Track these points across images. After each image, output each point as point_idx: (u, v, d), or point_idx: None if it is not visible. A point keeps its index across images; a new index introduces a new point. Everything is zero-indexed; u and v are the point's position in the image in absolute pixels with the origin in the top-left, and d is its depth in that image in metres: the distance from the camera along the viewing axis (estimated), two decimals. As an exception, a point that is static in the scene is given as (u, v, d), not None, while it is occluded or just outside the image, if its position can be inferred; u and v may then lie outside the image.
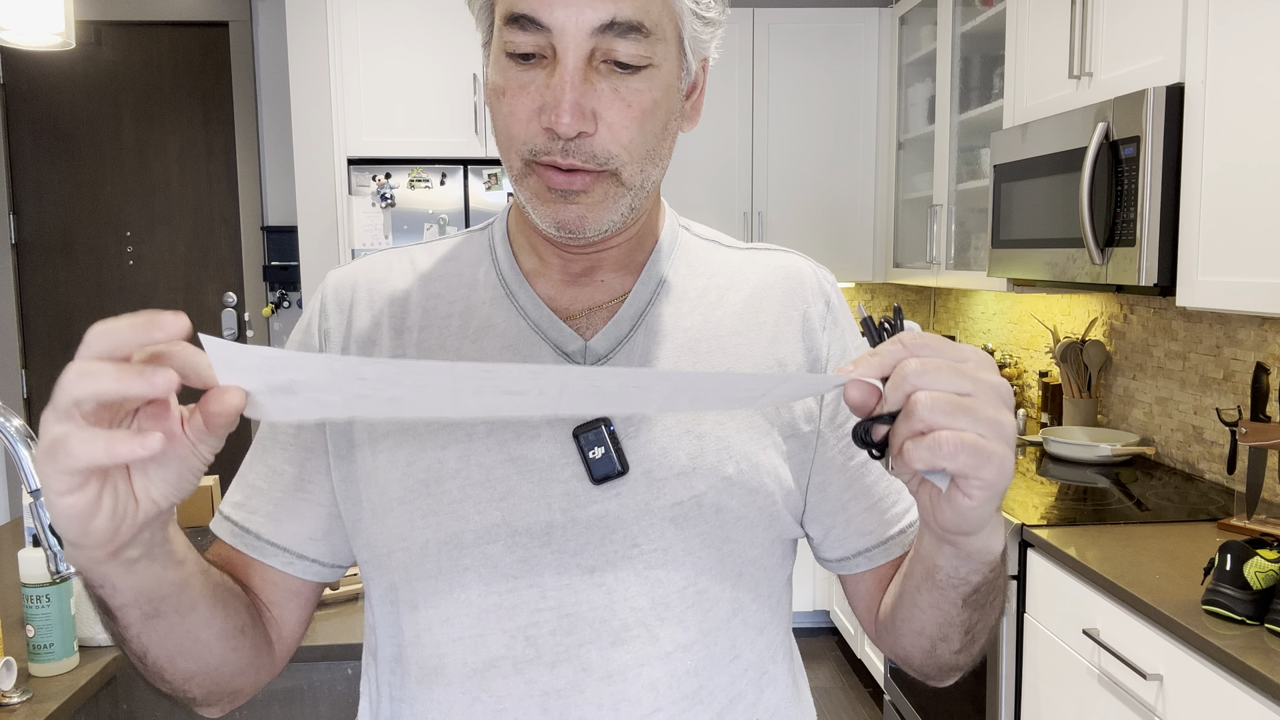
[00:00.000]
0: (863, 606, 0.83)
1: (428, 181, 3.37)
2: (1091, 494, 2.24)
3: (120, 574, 0.59)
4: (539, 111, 0.68)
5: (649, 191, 0.74)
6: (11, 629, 1.41)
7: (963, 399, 0.54)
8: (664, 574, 0.72)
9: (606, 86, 0.68)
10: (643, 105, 0.69)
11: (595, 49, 0.67)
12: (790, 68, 3.71)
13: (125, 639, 0.65)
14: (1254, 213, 1.72)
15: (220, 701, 0.75)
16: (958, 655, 0.73)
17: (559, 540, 0.71)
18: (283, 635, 0.79)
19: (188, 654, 0.68)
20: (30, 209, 3.94)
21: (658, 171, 0.73)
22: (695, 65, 0.75)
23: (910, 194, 3.62)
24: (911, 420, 0.54)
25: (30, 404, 3.95)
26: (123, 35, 3.92)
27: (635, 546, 0.72)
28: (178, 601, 0.64)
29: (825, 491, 0.79)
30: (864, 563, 0.80)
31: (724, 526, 0.74)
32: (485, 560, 0.72)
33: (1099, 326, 2.80)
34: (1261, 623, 1.46)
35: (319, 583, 0.80)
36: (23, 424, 0.99)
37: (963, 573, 0.65)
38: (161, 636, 0.66)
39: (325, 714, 1.43)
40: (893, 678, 2.80)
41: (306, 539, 0.77)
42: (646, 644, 0.71)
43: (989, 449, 0.54)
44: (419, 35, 3.35)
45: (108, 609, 0.63)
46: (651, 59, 0.69)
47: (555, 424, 0.73)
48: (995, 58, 2.94)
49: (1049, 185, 2.30)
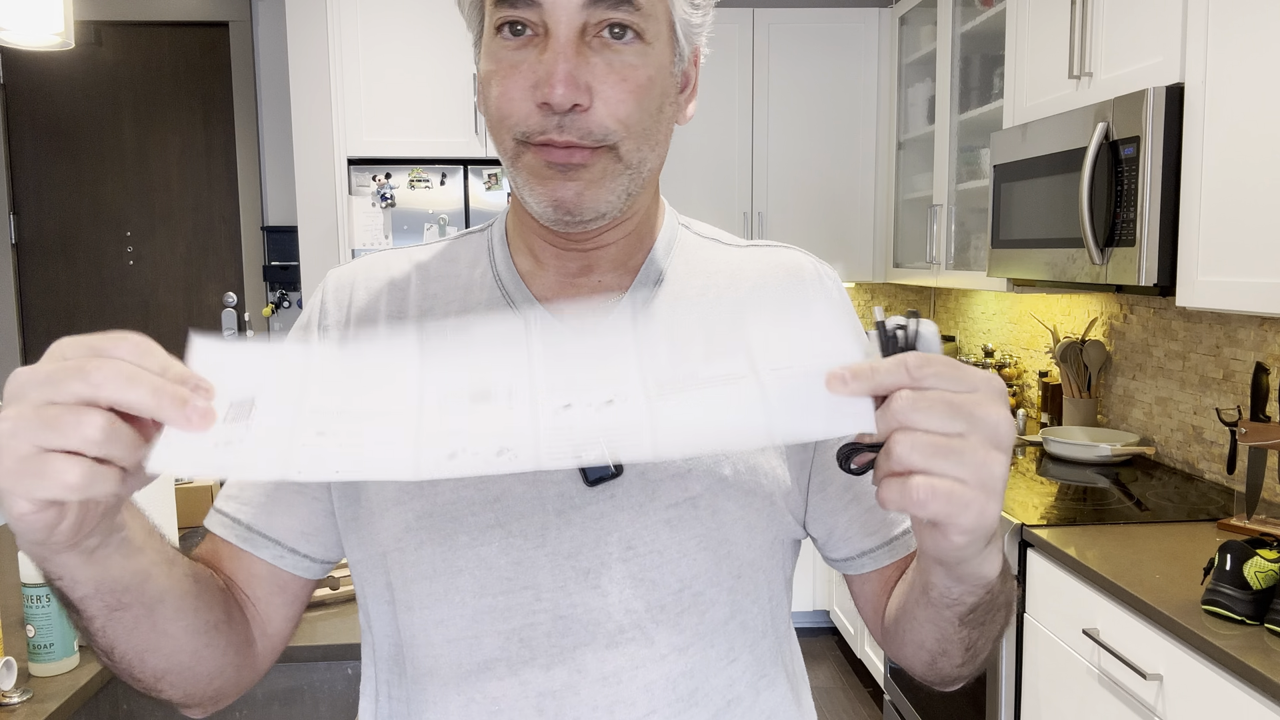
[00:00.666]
0: (869, 608, 0.82)
1: (428, 181, 3.37)
2: (1091, 494, 2.24)
3: (79, 565, 0.57)
4: (533, 89, 0.66)
5: (646, 177, 0.72)
6: (11, 629, 1.41)
7: (949, 441, 0.51)
8: (659, 576, 0.72)
9: (600, 61, 0.67)
10: (638, 80, 0.68)
11: (587, 23, 0.66)
12: (790, 68, 3.71)
13: (91, 633, 0.63)
14: (1254, 212, 1.72)
15: (202, 703, 0.73)
16: (960, 669, 0.72)
17: (553, 542, 0.71)
18: (267, 633, 0.77)
19: (156, 650, 0.66)
20: (30, 209, 3.94)
21: (654, 156, 0.72)
22: (688, 51, 0.74)
23: (910, 194, 3.62)
24: (890, 459, 0.52)
25: (30, 404, 3.95)
26: (123, 35, 3.92)
27: (630, 549, 0.71)
28: (141, 592, 0.62)
29: (826, 491, 0.79)
30: (869, 563, 0.79)
31: (721, 528, 0.73)
32: (480, 562, 0.71)
33: (1099, 326, 2.80)
34: (1261, 623, 1.46)
35: (306, 580, 0.78)
36: (23, 424, 0.99)
37: (955, 594, 0.63)
38: (127, 631, 0.64)
39: (325, 714, 1.43)
40: (893, 678, 2.80)
41: (299, 533, 0.77)
42: (642, 646, 0.71)
43: (965, 498, 0.51)
44: (419, 35, 3.35)
45: (70, 602, 0.61)
46: (644, 33, 0.68)
47: None
48: (995, 58, 2.94)
49: (1049, 185, 2.30)
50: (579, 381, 0.54)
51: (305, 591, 0.79)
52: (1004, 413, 0.52)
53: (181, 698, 0.71)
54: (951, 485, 0.51)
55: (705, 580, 0.73)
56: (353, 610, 1.53)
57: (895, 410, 0.51)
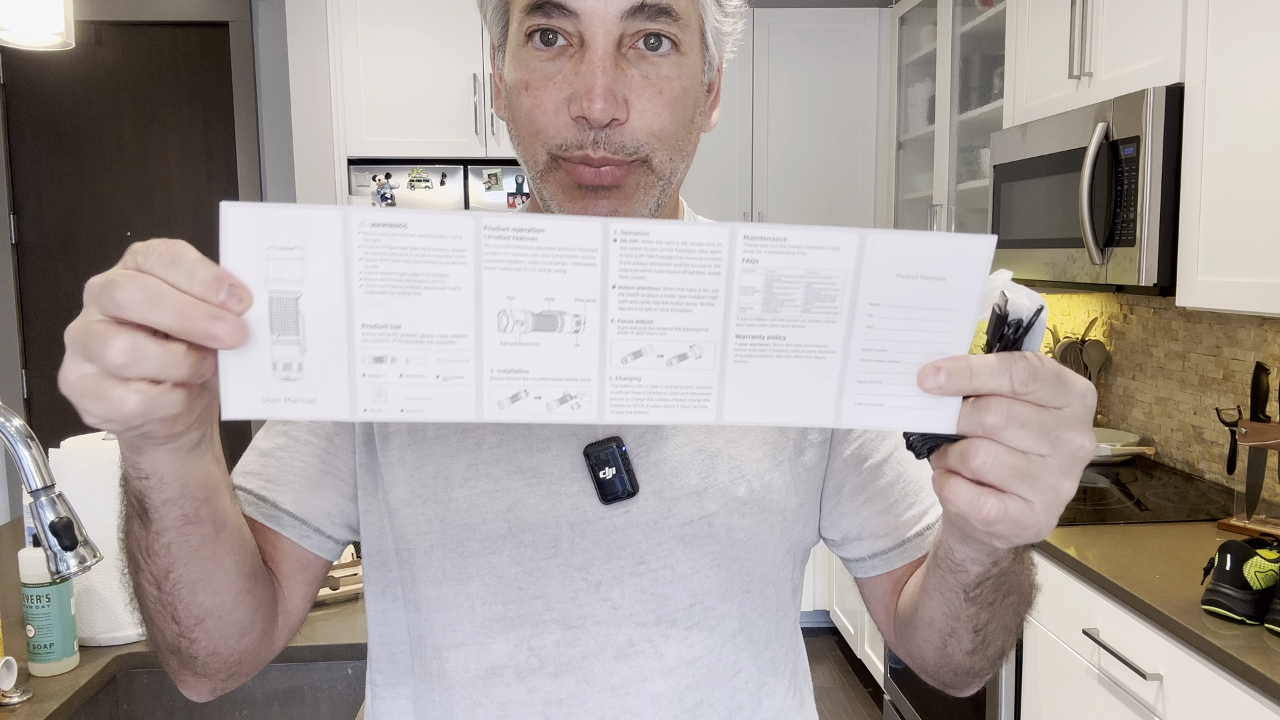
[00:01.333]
0: (880, 609, 0.81)
1: (428, 181, 3.37)
2: (1091, 494, 2.24)
3: (172, 461, 0.55)
4: (568, 101, 0.65)
5: (674, 187, 0.72)
6: (11, 629, 1.41)
7: (1030, 462, 0.49)
8: (670, 591, 0.72)
9: (637, 73, 0.66)
10: (673, 92, 0.67)
11: (624, 34, 0.65)
12: (790, 68, 3.71)
13: (151, 552, 0.61)
14: (1254, 212, 1.72)
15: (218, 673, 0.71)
16: (971, 657, 0.70)
17: (565, 553, 0.71)
18: (288, 609, 0.76)
19: (208, 582, 0.64)
20: (30, 209, 3.94)
21: (684, 166, 0.72)
22: (716, 60, 0.74)
23: (910, 194, 3.61)
24: (965, 464, 0.49)
25: (30, 404, 3.95)
26: (123, 35, 3.91)
27: (643, 564, 0.71)
28: (214, 508, 0.61)
29: (841, 494, 0.78)
30: (880, 565, 0.78)
31: (734, 546, 0.73)
32: (490, 570, 0.71)
33: (1099, 326, 2.80)
34: (1261, 623, 1.46)
35: (326, 560, 0.78)
36: (23, 424, 0.99)
37: (959, 557, 0.60)
38: (192, 550, 0.61)
39: (325, 714, 1.43)
40: (893, 678, 2.80)
41: (324, 515, 0.76)
42: (651, 659, 0.71)
43: (1027, 521, 0.50)
44: (419, 35, 3.35)
45: (146, 511, 0.59)
46: (679, 43, 0.67)
47: (566, 437, 0.72)
48: (995, 58, 2.94)
49: (1049, 185, 2.30)
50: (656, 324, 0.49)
51: (323, 572, 0.79)
52: (1088, 438, 0.50)
53: (209, 653, 0.68)
54: (1021, 509, 0.49)
55: (716, 596, 0.73)
56: (353, 610, 1.53)
57: (986, 419, 0.49)
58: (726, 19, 0.72)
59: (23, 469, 0.97)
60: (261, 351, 0.48)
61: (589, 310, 0.49)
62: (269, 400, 0.48)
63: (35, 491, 0.96)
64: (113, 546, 0.70)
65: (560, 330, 0.49)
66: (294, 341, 0.48)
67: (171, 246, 0.47)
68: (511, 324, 0.49)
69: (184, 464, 0.56)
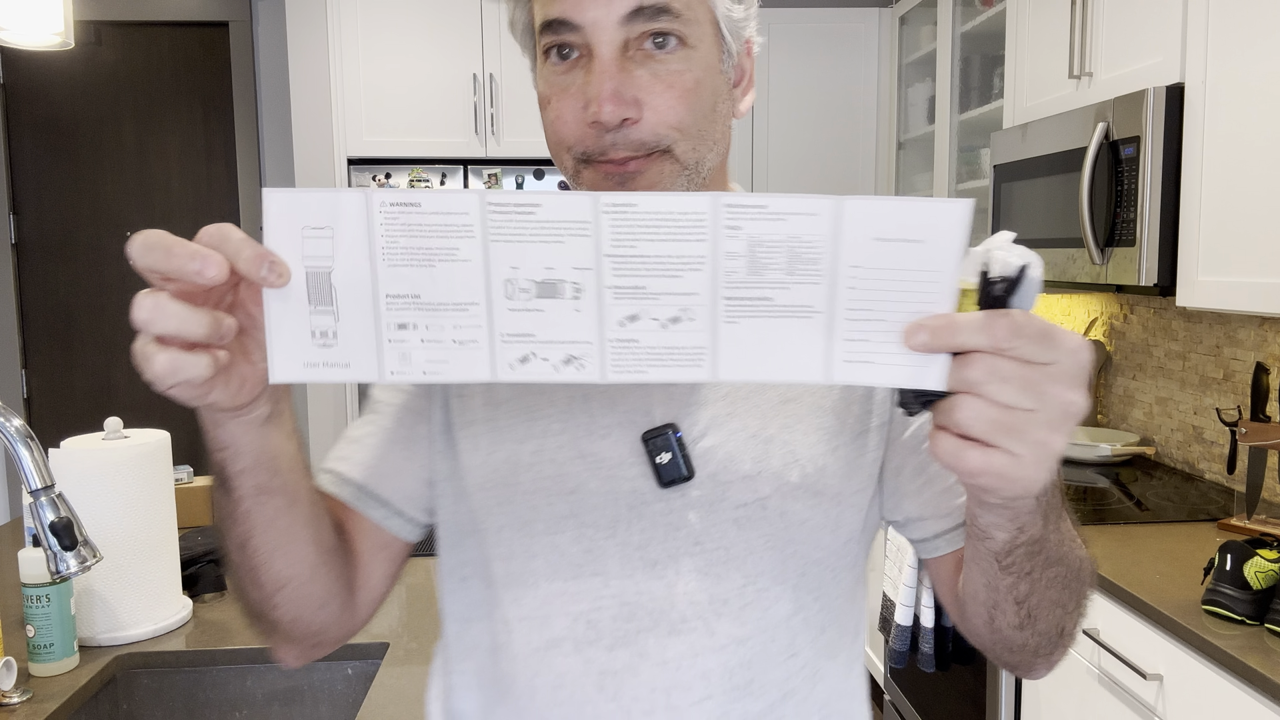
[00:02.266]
0: (945, 589, 0.81)
1: (428, 181, 3.37)
2: (1091, 494, 2.24)
3: (244, 433, 0.62)
4: (583, 109, 0.69)
5: (706, 175, 0.74)
6: (11, 629, 1.41)
7: (1014, 417, 0.49)
8: (724, 571, 0.74)
9: (645, 72, 0.69)
10: (684, 85, 0.70)
11: (628, 39, 0.69)
12: (790, 67, 3.71)
13: (233, 518, 0.67)
14: (1254, 212, 1.72)
15: (303, 640, 0.76)
16: (1020, 632, 0.70)
17: (624, 533, 0.74)
18: (368, 585, 0.80)
19: (284, 552, 0.70)
20: (30, 209, 3.94)
21: (713, 155, 0.74)
22: (737, 47, 0.76)
23: (910, 194, 3.61)
24: (950, 418, 0.50)
25: (30, 404, 3.95)
26: (123, 35, 3.91)
27: (698, 544, 0.74)
28: (287, 480, 0.66)
29: (901, 476, 0.79)
30: (944, 545, 0.79)
31: (788, 529, 0.75)
32: (553, 549, 0.75)
33: (1099, 326, 2.80)
34: (1261, 623, 1.46)
35: (407, 542, 0.82)
36: (23, 424, 0.99)
37: (982, 523, 0.61)
38: (268, 520, 0.67)
39: (325, 714, 1.43)
40: (893, 678, 2.80)
41: (406, 497, 0.80)
42: (703, 636, 0.74)
43: (1014, 474, 0.50)
44: (419, 35, 3.35)
45: (226, 479, 0.65)
46: (686, 38, 0.70)
47: (625, 425, 0.75)
48: (995, 58, 2.94)
49: (1049, 185, 2.30)
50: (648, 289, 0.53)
51: (404, 554, 0.83)
52: (1077, 393, 0.50)
53: (290, 620, 0.74)
54: (1006, 462, 0.50)
55: (770, 578, 0.75)
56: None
57: (969, 375, 0.50)
58: (738, 5, 0.75)
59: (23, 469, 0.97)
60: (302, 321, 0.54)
61: (586, 278, 0.53)
62: (309, 365, 0.54)
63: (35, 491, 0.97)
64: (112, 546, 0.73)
65: (561, 297, 0.53)
66: (329, 311, 0.54)
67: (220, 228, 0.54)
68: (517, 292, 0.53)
69: (256, 437, 0.62)
